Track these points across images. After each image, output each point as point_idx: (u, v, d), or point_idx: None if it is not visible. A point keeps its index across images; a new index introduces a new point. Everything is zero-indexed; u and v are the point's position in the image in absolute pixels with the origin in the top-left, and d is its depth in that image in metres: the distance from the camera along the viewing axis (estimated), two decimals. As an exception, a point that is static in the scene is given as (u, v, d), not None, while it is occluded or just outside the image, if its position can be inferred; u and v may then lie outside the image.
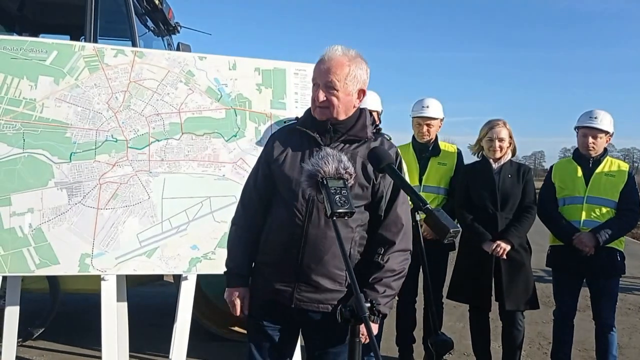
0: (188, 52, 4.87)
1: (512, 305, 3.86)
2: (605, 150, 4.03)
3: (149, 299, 6.14)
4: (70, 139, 3.46)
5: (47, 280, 4.50)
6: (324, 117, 2.24)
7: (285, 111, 3.82)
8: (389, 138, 2.41)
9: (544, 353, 4.86)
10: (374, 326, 2.23)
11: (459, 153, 4.44)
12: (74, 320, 5.30)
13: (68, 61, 3.51)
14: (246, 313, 2.36)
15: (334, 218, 1.72)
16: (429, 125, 4.30)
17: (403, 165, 2.40)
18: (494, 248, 3.80)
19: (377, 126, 2.37)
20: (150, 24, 5.49)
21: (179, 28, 6.08)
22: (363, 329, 2.19)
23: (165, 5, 5.66)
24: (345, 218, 1.76)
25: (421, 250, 1.79)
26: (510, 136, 3.95)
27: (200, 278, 3.88)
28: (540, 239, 4.37)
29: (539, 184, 4.27)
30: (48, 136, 3.42)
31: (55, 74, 3.48)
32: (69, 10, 5.55)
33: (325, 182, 1.79)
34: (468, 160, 4.37)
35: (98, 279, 3.45)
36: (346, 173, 1.82)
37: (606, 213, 3.88)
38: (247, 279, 2.38)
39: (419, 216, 1.76)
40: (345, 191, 1.76)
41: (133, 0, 4.90)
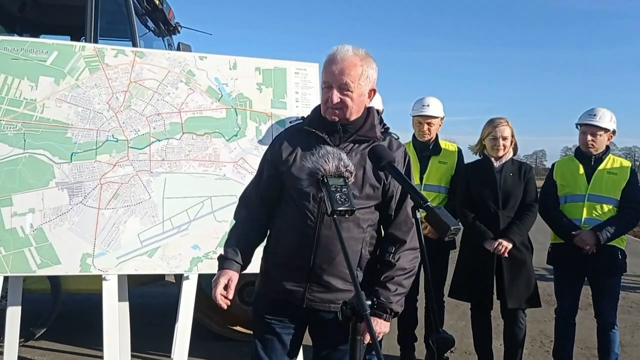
0: (188, 52, 4.87)
1: (514, 304, 3.86)
2: (608, 148, 4.01)
3: (151, 299, 6.15)
4: (71, 139, 3.46)
5: (49, 281, 4.51)
6: (336, 119, 2.21)
7: (286, 110, 3.82)
8: (397, 137, 2.40)
9: (546, 351, 4.86)
10: (387, 324, 2.24)
11: (459, 152, 4.45)
12: (75, 321, 5.31)
13: (68, 61, 3.52)
14: (229, 298, 2.25)
15: (335, 216, 1.72)
16: (429, 124, 4.30)
17: (412, 166, 2.38)
18: (495, 246, 3.79)
19: (385, 125, 2.36)
20: (150, 24, 5.49)
21: (179, 28, 6.08)
22: (375, 327, 2.19)
23: (166, 6, 5.67)
24: (346, 216, 1.76)
25: (422, 248, 1.79)
26: (512, 135, 3.95)
27: (202, 278, 3.87)
28: (541, 237, 4.37)
29: (540, 182, 4.26)
30: (49, 136, 3.42)
31: (55, 74, 3.49)
32: (69, 11, 5.56)
33: (325, 180, 1.78)
34: (468, 159, 4.37)
35: (99, 279, 3.45)
36: (346, 171, 1.81)
37: (608, 211, 3.86)
38: (238, 265, 2.30)
39: (420, 214, 1.76)
40: (345, 189, 1.76)
41: (133, 0, 4.90)
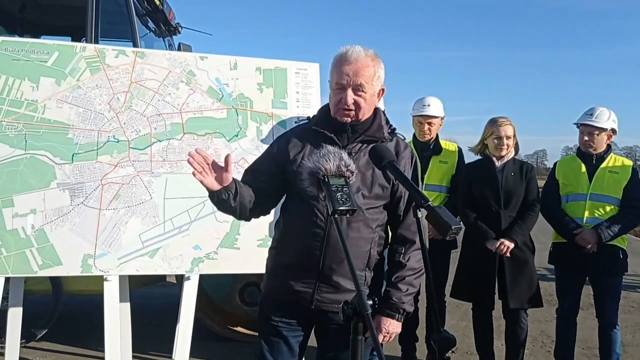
0: (189, 52, 4.87)
1: (516, 304, 3.85)
2: (609, 147, 4.00)
3: (152, 299, 6.15)
4: (72, 140, 3.46)
5: (50, 281, 4.51)
6: (349, 119, 2.20)
7: (287, 110, 3.82)
8: (403, 138, 2.39)
9: (547, 351, 4.85)
10: (399, 325, 2.25)
11: (459, 151, 4.45)
12: (77, 321, 5.31)
13: (69, 62, 3.52)
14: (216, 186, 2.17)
15: (336, 216, 1.71)
16: (430, 123, 4.30)
17: (419, 167, 2.37)
18: (497, 246, 3.79)
19: (392, 126, 2.35)
20: (151, 24, 5.49)
21: (180, 29, 6.07)
22: (388, 327, 2.22)
23: (166, 6, 5.66)
24: (347, 216, 1.75)
25: (424, 248, 1.79)
26: (514, 134, 3.94)
27: (203, 278, 3.87)
28: (543, 237, 4.36)
29: (541, 182, 4.25)
30: (50, 137, 3.43)
31: (56, 75, 3.49)
32: (70, 12, 5.56)
33: (326, 180, 1.78)
34: (468, 159, 4.37)
35: (101, 280, 3.45)
36: (347, 170, 1.81)
37: (610, 211, 3.85)
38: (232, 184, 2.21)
39: (421, 213, 1.76)
40: (346, 189, 1.75)
41: (134, 1, 4.90)
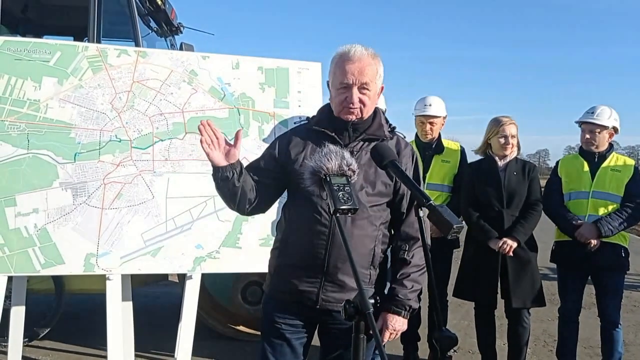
0: (191, 52, 4.87)
1: (519, 303, 3.85)
2: (611, 145, 4.01)
3: (154, 298, 6.16)
4: (74, 140, 3.47)
5: (53, 280, 4.52)
6: (354, 118, 2.20)
7: (288, 110, 3.82)
8: (403, 136, 2.39)
9: (550, 350, 4.84)
10: (405, 322, 2.24)
11: (462, 150, 4.44)
12: (79, 320, 5.32)
13: (71, 62, 3.52)
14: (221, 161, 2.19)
15: (337, 215, 1.71)
16: (431, 123, 4.30)
17: (420, 165, 2.37)
18: (500, 245, 3.79)
19: (391, 125, 2.36)
20: (153, 24, 5.50)
21: (181, 28, 6.08)
22: (394, 324, 2.20)
23: (168, 6, 5.67)
24: (349, 215, 1.75)
25: (425, 247, 1.79)
26: (517, 133, 3.95)
27: (205, 277, 3.88)
28: (545, 236, 4.36)
29: (543, 182, 4.25)
30: (52, 137, 3.43)
31: (59, 74, 3.50)
32: (72, 12, 5.57)
33: (328, 179, 1.78)
34: (471, 159, 4.37)
35: (103, 279, 3.46)
36: (349, 170, 1.81)
37: (612, 210, 3.85)
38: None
39: (422, 212, 1.76)
40: (348, 187, 1.75)
41: (136, 1, 4.91)
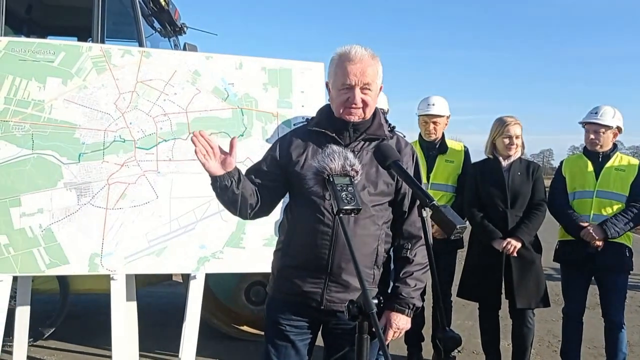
0: (195, 52, 4.88)
1: (523, 303, 3.84)
2: (615, 145, 4.01)
3: (158, 298, 6.18)
4: (78, 140, 3.48)
5: (57, 280, 4.53)
6: (356, 119, 2.20)
7: (292, 110, 3.83)
8: (403, 136, 2.40)
9: (554, 351, 4.84)
10: (408, 320, 2.25)
11: (466, 151, 4.44)
12: (84, 320, 5.34)
13: (76, 62, 3.54)
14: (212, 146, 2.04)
15: (341, 215, 1.72)
16: (435, 123, 4.30)
17: (420, 165, 2.38)
18: (504, 246, 3.78)
19: (391, 124, 2.36)
20: (156, 25, 5.50)
21: (185, 29, 6.09)
22: (398, 323, 2.20)
23: (172, 6, 5.68)
24: (352, 215, 1.76)
25: (428, 247, 1.79)
26: (521, 133, 3.94)
27: (209, 277, 3.89)
28: (549, 236, 4.35)
29: (548, 182, 4.24)
30: (57, 137, 3.45)
31: (63, 75, 3.51)
32: (76, 13, 5.58)
33: (331, 180, 1.78)
34: (475, 159, 4.36)
35: (107, 279, 3.47)
36: (352, 170, 1.81)
37: (616, 209, 3.86)
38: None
39: (426, 213, 1.76)
40: (351, 188, 1.76)
41: (140, 1, 4.92)
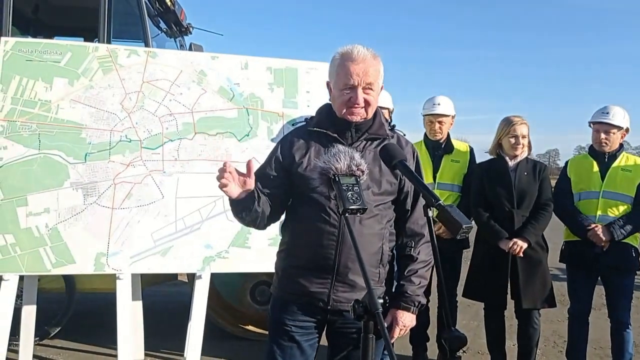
0: (200, 52, 4.89)
1: (529, 304, 3.83)
2: (621, 145, 3.99)
3: (164, 298, 6.19)
4: (85, 140, 3.50)
5: (63, 280, 4.55)
6: (358, 119, 2.19)
7: (297, 110, 3.84)
8: (403, 134, 2.40)
9: (559, 351, 4.81)
10: (413, 317, 2.25)
11: (471, 150, 4.43)
12: (89, 319, 5.35)
13: (82, 62, 3.56)
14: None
15: (347, 215, 1.72)
16: (440, 122, 4.29)
17: (420, 163, 2.38)
18: (510, 246, 3.77)
19: (391, 123, 2.37)
20: (162, 25, 5.53)
21: (191, 29, 6.11)
22: (404, 320, 2.20)
23: (178, 7, 5.70)
24: (358, 215, 1.76)
25: (434, 247, 1.79)
26: (528, 133, 3.93)
27: (214, 277, 3.89)
28: (555, 237, 4.34)
29: (554, 182, 4.22)
30: (63, 137, 3.47)
31: (69, 75, 3.53)
32: (82, 13, 5.61)
33: (337, 179, 1.78)
34: (480, 159, 4.36)
35: (113, 278, 3.48)
36: (358, 170, 1.81)
37: (623, 210, 3.84)
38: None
39: (432, 213, 1.76)
40: (357, 188, 1.76)
41: (146, 2, 4.94)
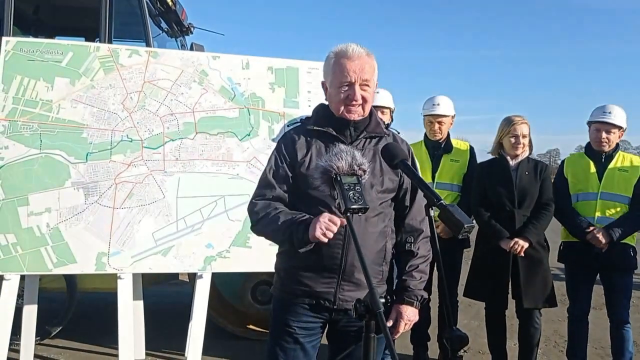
0: (201, 52, 4.90)
1: (530, 303, 3.83)
2: (617, 145, 3.99)
3: (165, 297, 6.19)
4: (86, 139, 3.51)
5: (65, 279, 4.55)
6: (356, 117, 2.18)
7: (298, 110, 3.84)
8: (397, 132, 2.41)
9: (560, 351, 4.82)
10: (416, 312, 2.25)
11: (471, 150, 4.44)
12: (91, 319, 5.35)
13: (83, 62, 3.56)
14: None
15: (348, 214, 1.72)
16: (440, 122, 4.29)
17: (416, 160, 2.40)
18: (511, 245, 3.77)
19: (391, 122, 2.38)
20: (164, 25, 5.53)
21: (192, 29, 6.11)
22: (408, 315, 2.21)
23: (179, 7, 5.70)
24: (359, 214, 1.76)
25: (435, 247, 1.79)
26: (529, 132, 3.93)
27: (215, 277, 3.90)
28: (555, 236, 4.34)
29: (554, 182, 4.23)
30: (64, 137, 3.47)
31: (71, 75, 3.54)
32: (83, 13, 5.61)
33: (338, 179, 1.78)
34: (481, 158, 4.36)
35: (114, 278, 3.49)
36: (359, 169, 1.82)
37: (620, 210, 3.85)
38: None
39: (433, 212, 1.76)
40: (359, 187, 1.76)
41: (147, 1, 4.94)
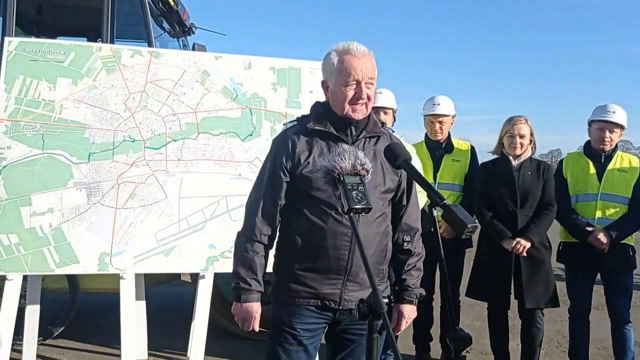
0: (203, 52, 4.90)
1: (533, 303, 3.82)
2: (616, 145, 3.98)
3: (167, 297, 6.19)
4: (88, 140, 3.51)
5: (67, 279, 4.56)
6: (360, 116, 2.17)
7: (301, 110, 3.83)
8: (392, 131, 2.43)
9: (563, 351, 4.81)
10: (415, 309, 2.29)
11: (472, 150, 4.43)
12: (93, 319, 5.36)
13: (86, 62, 3.57)
14: (257, 329, 2.24)
15: (351, 214, 1.72)
16: (440, 122, 4.29)
17: (416, 160, 2.41)
18: (513, 245, 3.76)
19: (394, 123, 2.39)
20: (165, 25, 5.53)
21: (194, 29, 6.11)
22: (409, 313, 2.25)
23: (181, 7, 5.71)
24: (362, 214, 1.75)
25: (438, 247, 1.79)
26: (531, 133, 3.90)
27: (217, 277, 3.89)
28: (556, 236, 4.34)
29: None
30: (67, 137, 3.47)
31: (73, 75, 3.54)
32: (86, 13, 5.62)
33: (342, 179, 1.78)
34: (482, 158, 4.35)
35: (117, 278, 3.49)
36: (363, 169, 1.81)
37: (620, 211, 3.85)
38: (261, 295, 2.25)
39: (436, 212, 1.76)
40: (362, 187, 1.75)
41: (149, 2, 4.95)
